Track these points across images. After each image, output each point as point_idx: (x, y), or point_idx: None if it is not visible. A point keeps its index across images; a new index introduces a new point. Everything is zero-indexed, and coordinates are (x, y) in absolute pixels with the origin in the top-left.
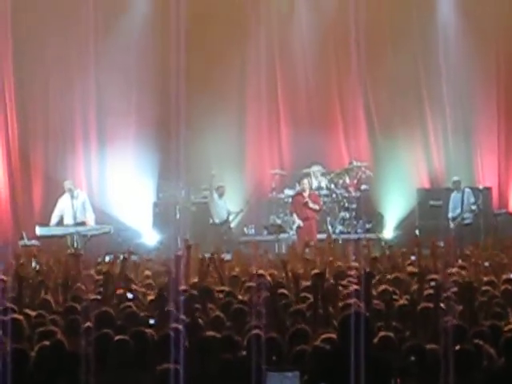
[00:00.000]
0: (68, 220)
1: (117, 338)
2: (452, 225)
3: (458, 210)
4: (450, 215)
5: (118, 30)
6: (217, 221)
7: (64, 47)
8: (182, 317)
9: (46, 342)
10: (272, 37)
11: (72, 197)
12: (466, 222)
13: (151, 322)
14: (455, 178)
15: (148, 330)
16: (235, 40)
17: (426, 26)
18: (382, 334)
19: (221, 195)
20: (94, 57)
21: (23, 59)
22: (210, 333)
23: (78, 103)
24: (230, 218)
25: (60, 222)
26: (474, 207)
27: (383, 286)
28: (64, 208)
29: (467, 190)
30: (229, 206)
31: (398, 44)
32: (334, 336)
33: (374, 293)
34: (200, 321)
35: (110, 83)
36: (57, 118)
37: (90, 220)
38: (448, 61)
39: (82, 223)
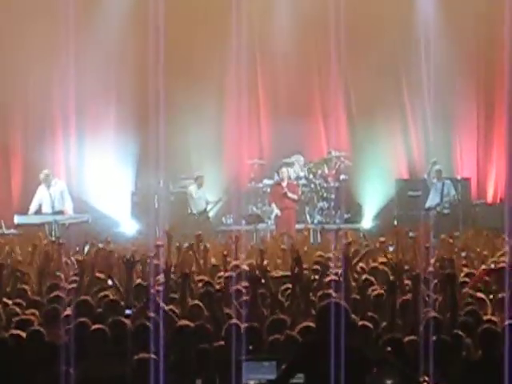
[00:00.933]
0: (46, 209)
1: (94, 327)
2: (430, 214)
3: (437, 200)
4: (428, 204)
5: (97, 20)
6: (195, 211)
7: (44, 35)
8: (162, 305)
9: (23, 332)
10: (253, 27)
11: (49, 186)
12: (445, 211)
13: (127, 312)
14: (436, 167)
15: (126, 320)
16: (215, 30)
17: (406, 15)
18: (360, 323)
19: (200, 185)
20: (74, 46)
21: (2, 48)
22: (187, 322)
23: (58, 93)
24: (208, 207)
25: (38, 211)
26: (453, 199)
27: (362, 276)
28: (42, 197)
29: (447, 181)
30: (207, 195)
31: (378, 34)
32: (312, 325)
33: (353, 283)
34: (177, 310)
35: (89, 73)
36: (36, 107)
37: (69, 209)
38: (428, 51)
39: (60, 212)
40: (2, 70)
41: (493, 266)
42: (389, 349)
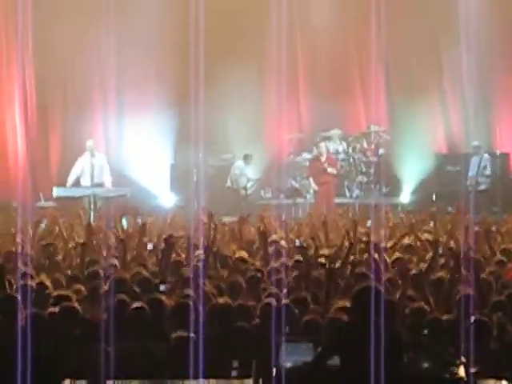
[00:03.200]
0: (86, 180)
1: (133, 305)
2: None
3: (473, 174)
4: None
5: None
6: (235, 186)
7: (84, 10)
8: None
9: (61, 308)
10: (292, 3)
11: (92, 157)
12: (481, 187)
13: (162, 288)
14: (475, 143)
15: (163, 297)
16: (255, 6)
17: None
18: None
19: (247, 163)
20: (113, 20)
21: (42, 22)
22: (225, 300)
23: (97, 66)
24: (248, 185)
25: (77, 182)
26: (487, 172)
27: (397, 254)
28: (83, 168)
29: (485, 155)
30: (248, 173)
31: (418, 9)
32: (347, 305)
33: (388, 260)
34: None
35: (129, 47)
36: (75, 81)
37: (108, 182)
38: (468, 26)
39: (100, 184)
40: (42, 44)
41: None
42: (425, 332)
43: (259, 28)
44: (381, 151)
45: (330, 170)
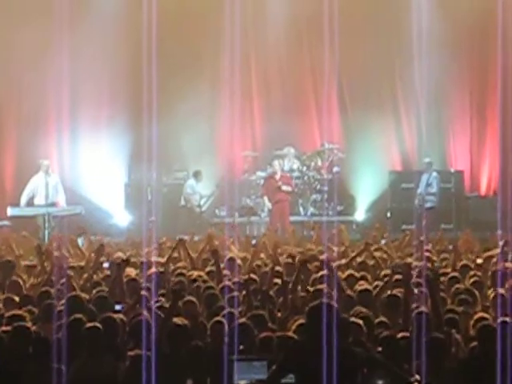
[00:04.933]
0: (39, 200)
1: (88, 325)
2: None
3: (420, 191)
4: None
5: (90, 15)
6: (189, 205)
7: (39, 30)
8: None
9: (13, 327)
10: (246, 20)
11: (47, 176)
12: (428, 205)
13: (117, 307)
14: (426, 160)
15: (118, 316)
16: (209, 23)
17: (400, 12)
18: (351, 319)
19: (199, 180)
20: (67, 41)
21: None
22: (180, 320)
23: (51, 86)
24: (202, 201)
25: (30, 202)
26: (433, 190)
27: (350, 271)
28: (36, 187)
29: (434, 173)
30: (201, 189)
31: (372, 28)
32: (302, 322)
33: (342, 277)
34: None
35: (82, 67)
36: (29, 101)
37: (61, 201)
38: (421, 45)
39: (54, 204)
40: None
41: None
42: (379, 349)
43: (213, 45)
44: (335, 169)
45: (284, 188)
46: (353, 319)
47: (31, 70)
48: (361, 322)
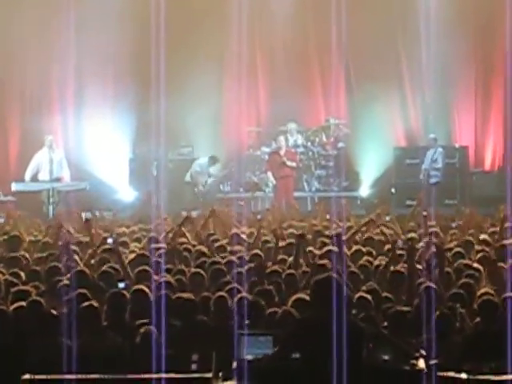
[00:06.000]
0: (44, 175)
1: (85, 304)
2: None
3: (425, 167)
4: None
5: None
6: (195, 182)
7: (42, 8)
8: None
9: (22, 303)
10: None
11: (51, 152)
12: (432, 180)
13: (121, 285)
14: (431, 136)
15: (123, 292)
16: (216, 2)
17: None
18: (358, 294)
19: (212, 164)
20: (72, 16)
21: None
22: (185, 295)
23: (55, 61)
24: (209, 181)
25: (34, 177)
26: (438, 165)
27: (356, 247)
28: (41, 162)
29: (439, 149)
30: (210, 169)
31: (379, 5)
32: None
33: (348, 253)
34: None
35: (87, 42)
36: (34, 77)
37: (66, 176)
38: (428, 22)
39: (58, 179)
40: (1, 41)
41: None
42: (385, 324)
43: (219, 22)
44: (340, 144)
45: (289, 163)
46: (361, 294)
47: (35, 46)
48: (369, 296)
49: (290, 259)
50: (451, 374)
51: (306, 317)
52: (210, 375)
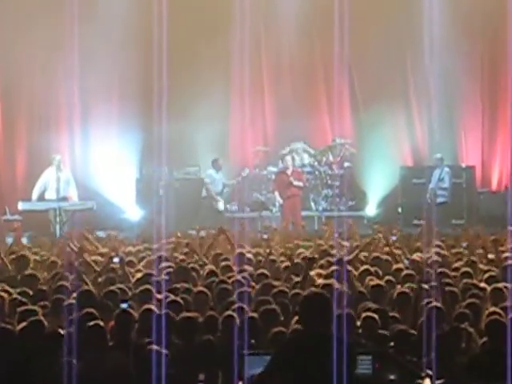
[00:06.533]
0: (51, 194)
1: (91, 323)
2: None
3: (432, 187)
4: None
5: (100, 10)
6: (212, 193)
7: (48, 28)
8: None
9: (26, 322)
10: (257, 15)
11: (58, 171)
12: (439, 200)
13: (124, 305)
14: (437, 156)
15: (129, 310)
16: (220, 18)
17: (412, 6)
18: (363, 315)
19: (218, 168)
20: (77, 36)
21: (7, 37)
22: (191, 314)
23: (62, 80)
24: (225, 190)
25: (41, 196)
26: (445, 185)
27: (363, 267)
28: (48, 182)
29: (446, 168)
30: (221, 176)
31: (384, 23)
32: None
33: (355, 273)
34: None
35: (93, 61)
36: (41, 95)
37: (73, 195)
38: (433, 41)
39: (65, 198)
40: (7, 59)
41: None
42: (391, 344)
43: (224, 42)
44: (346, 164)
45: (295, 183)
46: (365, 314)
47: (42, 68)
48: (376, 316)
49: (297, 279)
50: None
51: (295, 334)
52: None
